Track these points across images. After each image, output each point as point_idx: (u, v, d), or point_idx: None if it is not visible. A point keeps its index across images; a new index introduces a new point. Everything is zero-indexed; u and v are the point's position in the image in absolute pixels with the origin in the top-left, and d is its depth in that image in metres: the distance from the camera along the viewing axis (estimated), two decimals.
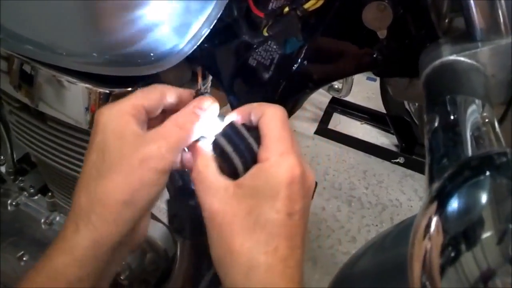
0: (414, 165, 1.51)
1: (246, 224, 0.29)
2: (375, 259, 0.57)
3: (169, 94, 0.34)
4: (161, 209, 0.76)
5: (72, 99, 0.48)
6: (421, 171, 1.05)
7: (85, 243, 0.29)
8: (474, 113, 0.27)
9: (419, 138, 1.53)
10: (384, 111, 1.59)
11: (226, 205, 0.29)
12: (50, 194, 0.71)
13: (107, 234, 0.29)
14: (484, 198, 0.19)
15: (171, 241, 0.72)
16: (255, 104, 0.34)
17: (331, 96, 1.75)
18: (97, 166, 0.30)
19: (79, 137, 0.52)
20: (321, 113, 1.76)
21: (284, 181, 0.29)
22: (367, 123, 1.74)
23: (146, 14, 0.39)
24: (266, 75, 0.50)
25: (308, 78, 0.48)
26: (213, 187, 0.30)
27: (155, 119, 0.34)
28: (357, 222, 1.31)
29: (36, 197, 0.75)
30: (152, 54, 0.42)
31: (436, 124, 0.27)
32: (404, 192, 1.43)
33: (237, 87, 0.52)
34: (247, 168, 0.31)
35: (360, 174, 1.49)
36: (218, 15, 0.40)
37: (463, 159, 0.22)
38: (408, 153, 1.55)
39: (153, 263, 0.72)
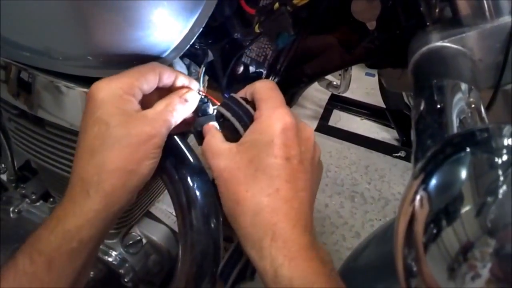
0: None
1: (249, 173, 0.31)
2: (378, 251, 0.57)
3: (166, 76, 0.38)
4: (163, 210, 0.77)
5: (70, 103, 0.48)
6: None
7: (96, 207, 0.33)
8: (460, 97, 0.27)
9: None
10: (384, 106, 1.59)
11: (230, 161, 0.33)
12: (52, 200, 0.72)
13: (116, 198, 0.33)
14: (463, 173, 0.19)
15: (174, 242, 0.72)
16: (248, 85, 0.38)
17: (330, 93, 1.75)
18: (101, 138, 0.34)
19: None
20: (321, 111, 1.76)
21: (278, 129, 0.32)
22: (368, 119, 1.74)
23: (138, 15, 0.39)
24: (260, 72, 0.50)
25: (302, 72, 0.48)
26: (218, 150, 0.34)
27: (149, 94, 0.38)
28: (360, 218, 1.30)
29: (38, 204, 0.75)
30: (146, 55, 0.43)
31: (421, 108, 0.27)
32: None
33: (233, 85, 0.53)
34: (246, 130, 0.34)
35: (362, 170, 1.49)
36: (210, 13, 0.40)
37: (446, 137, 0.22)
38: (409, 147, 1.54)
39: (157, 265, 0.72)
